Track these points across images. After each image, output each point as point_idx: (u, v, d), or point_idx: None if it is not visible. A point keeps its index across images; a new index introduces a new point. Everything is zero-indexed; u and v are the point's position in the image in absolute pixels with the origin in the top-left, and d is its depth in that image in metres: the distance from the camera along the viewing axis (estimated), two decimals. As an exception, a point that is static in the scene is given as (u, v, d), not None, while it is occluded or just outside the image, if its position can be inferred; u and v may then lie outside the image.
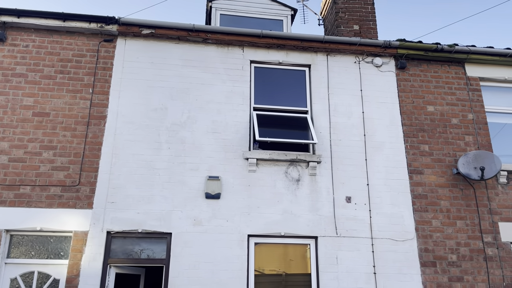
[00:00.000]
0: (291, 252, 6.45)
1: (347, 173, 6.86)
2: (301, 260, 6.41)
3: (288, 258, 6.40)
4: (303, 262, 6.41)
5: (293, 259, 6.40)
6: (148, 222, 6.20)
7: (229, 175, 6.62)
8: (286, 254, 6.43)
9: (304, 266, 6.38)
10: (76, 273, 5.79)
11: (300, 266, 6.37)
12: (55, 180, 6.19)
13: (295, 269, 6.34)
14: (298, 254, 6.45)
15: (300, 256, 6.44)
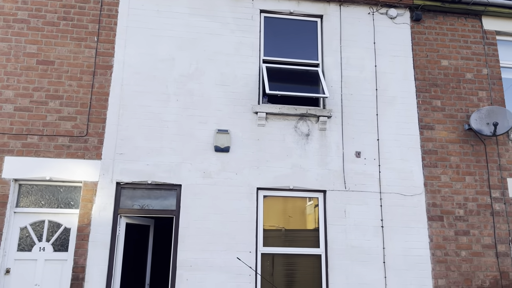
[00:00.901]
0: (299, 205, 6.47)
1: (357, 128, 6.77)
2: (309, 213, 6.46)
3: (296, 211, 6.44)
4: (311, 215, 6.45)
5: (301, 213, 6.44)
6: (157, 174, 6.17)
7: (238, 129, 6.53)
8: (295, 207, 6.46)
9: (312, 220, 6.43)
10: (87, 222, 5.83)
11: (308, 219, 6.42)
12: (62, 130, 6.09)
13: (303, 222, 6.40)
14: (306, 207, 6.48)
15: (308, 210, 6.47)
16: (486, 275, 6.37)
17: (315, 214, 6.46)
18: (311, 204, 6.47)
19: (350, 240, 6.28)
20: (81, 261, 5.68)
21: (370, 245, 6.29)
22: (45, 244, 5.83)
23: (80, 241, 5.75)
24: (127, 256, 6.08)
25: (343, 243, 6.26)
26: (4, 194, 5.76)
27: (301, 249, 6.26)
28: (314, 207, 6.45)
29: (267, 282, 6.08)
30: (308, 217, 6.43)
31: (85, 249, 5.73)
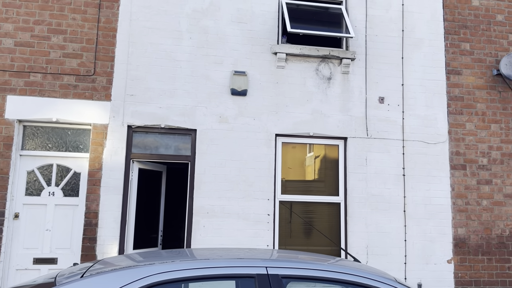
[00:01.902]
0: (319, 152, 6.21)
1: (381, 72, 6.39)
2: (328, 161, 6.21)
3: (315, 159, 6.18)
4: (331, 163, 6.21)
5: (320, 160, 6.19)
6: (171, 118, 5.81)
7: (256, 71, 6.11)
8: (314, 154, 6.20)
9: (332, 167, 6.19)
10: (99, 167, 5.53)
11: (327, 167, 6.19)
12: (68, 69, 5.63)
13: (322, 169, 6.16)
14: (326, 154, 6.22)
15: (328, 157, 6.22)
16: (506, 224, 6.28)
17: (335, 161, 6.22)
18: (311, 156, 6.19)
19: (370, 188, 6.09)
20: (94, 206, 5.44)
21: (390, 194, 6.12)
22: (55, 189, 5.56)
23: (92, 186, 5.48)
24: (140, 203, 5.85)
25: (363, 192, 6.07)
26: (9, 136, 5.40)
27: (320, 197, 6.07)
28: (314, 158, 6.17)
29: (285, 230, 5.94)
30: (327, 165, 6.19)
31: (97, 194, 5.47)
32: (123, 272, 2.04)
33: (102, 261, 2.45)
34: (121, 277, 1.99)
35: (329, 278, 2.09)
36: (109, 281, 1.98)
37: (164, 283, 2.00)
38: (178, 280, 2.01)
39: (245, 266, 2.07)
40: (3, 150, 5.36)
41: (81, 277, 2.03)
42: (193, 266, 2.06)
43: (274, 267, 2.08)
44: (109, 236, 5.43)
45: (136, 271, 2.03)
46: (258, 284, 2.01)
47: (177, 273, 2.02)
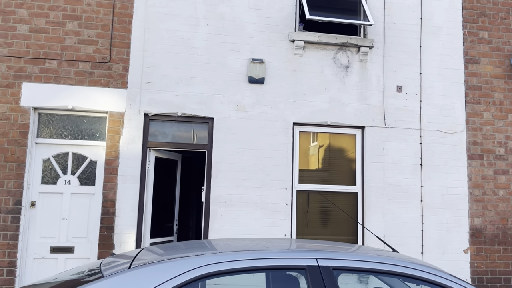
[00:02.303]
0: (336, 141, 6.16)
1: (399, 60, 6.31)
2: (346, 150, 6.16)
3: (332, 148, 6.13)
4: (348, 152, 6.16)
5: (337, 149, 6.14)
6: (188, 106, 5.73)
7: (273, 58, 6.02)
8: (331, 143, 6.14)
9: (349, 157, 6.15)
10: (115, 155, 5.46)
11: (345, 156, 6.14)
12: (83, 55, 5.53)
13: (339, 159, 6.12)
14: (343, 144, 6.17)
15: (345, 146, 6.17)
16: (522, 215, 6.28)
17: (352, 151, 6.17)
18: (328, 145, 6.12)
19: (388, 178, 6.06)
20: (111, 195, 5.38)
21: (408, 183, 6.09)
22: (71, 177, 5.50)
23: (109, 174, 5.42)
24: (156, 192, 5.80)
25: (381, 181, 6.04)
26: (25, 123, 5.31)
27: (337, 187, 6.03)
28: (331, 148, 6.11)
29: (302, 219, 5.91)
30: (345, 154, 6.15)
31: (114, 183, 5.41)
32: (171, 263, 1.99)
33: (145, 251, 2.40)
34: (170, 268, 1.95)
35: (381, 270, 2.05)
36: (158, 272, 1.93)
37: (214, 275, 1.95)
38: (228, 271, 1.96)
39: (294, 258, 2.03)
40: (19, 138, 5.28)
41: (129, 267, 1.98)
42: (242, 257, 2.01)
43: (325, 259, 2.04)
44: (127, 225, 5.38)
45: (185, 262, 1.98)
46: (310, 276, 1.97)
47: (227, 264, 1.97)
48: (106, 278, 1.93)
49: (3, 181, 5.19)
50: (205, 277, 1.94)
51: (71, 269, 2.49)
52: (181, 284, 1.90)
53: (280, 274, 2.30)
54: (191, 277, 1.92)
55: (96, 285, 1.89)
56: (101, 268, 2.14)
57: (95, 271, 2.11)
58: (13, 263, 5.09)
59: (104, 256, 5.27)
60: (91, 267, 2.36)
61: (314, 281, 1.95)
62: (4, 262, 5.08)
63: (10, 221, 5.14)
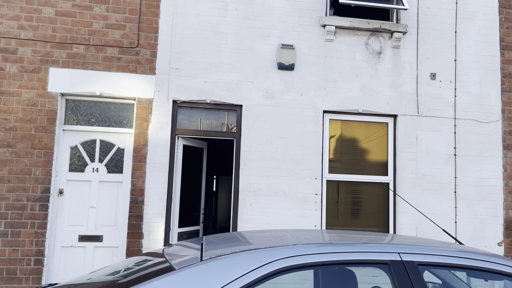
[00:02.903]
0: (367, 130, 5.98)
1: (433, 46, 6.09)
2: (377, 139, 5.99)
3: (363, 137, 5.96)
4: (379, 141, 5.99)
5: (369, 138, 5.97)
6: (216, 93, 5.59)
7: (304, 44, 5.84)
8: (362, 132, 5.97)
9: (381, 146, 5.98)
10: (144, 143, 5.34)
11: (376, 145, 5.97)
12: (111, 40, 5.40)
13: (371, 148, 5.95)
14: (374, 133, 6.00)
15: (376, 135, 6.00)
16: (559, 207, 6.08)
17: (384, 140, 5.99)
18: (358, 134, 5.94)
19: (420, 168, 5.88)
20: (140, 183, 5.28)
21: (441, 174, 5.91)
22: (98, 165, 5.40)
23: (137, 162, 5.31)
24: (183, 180, 5.68)
25: (413, 171, 5.86)
26: (52, 110, 5.21)
27: (368, 177, 5.87)
28: (362, 136, 5.92)
29: (332, 210, 5.77)
30: (376, 144, 5.97)
31: (143, 171, 5.31)
32: (246, 256, 1.86)
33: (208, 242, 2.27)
34: (245, 261, 1.81)
35: (469, 266, 1.90)
36: (233, 265, 1.80)
37: (292, 268, 1.81)
38: (306, 265, 1.82)
39: (376, 252, 1.88)
40: (47, 125, 5.18)
41: (201, 260, 1.85)
42: (320, 251, 1.87)
43: (408, 253, 1.89)
44: (156, 214, 5.28)
45: (261, 255, 1.84)
46: (394, 271, 1.83)
47: (305, 258, 1.84)
48: (178, 271, 1.80)
49: (30, 168, 5.10)
50: (283, 271, 1.81)
51: (103, 269, 2.35)
52: (259, 278, 1.77)
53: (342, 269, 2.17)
54: (269, 271, 1.79)
55: (169, 278, 1.77)
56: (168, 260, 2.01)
57: (165, 265, 1.96)
58: (41, 252, 5.02)
59: (133, 245, 5.18)
60: (127, 265, 2.23)
61: (399, 277, 1.80)
62: (31, 251, 5.01)
63: (38, 209, 5.06)
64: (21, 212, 5.01)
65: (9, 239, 4.96)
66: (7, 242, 4.96)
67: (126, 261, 2.35)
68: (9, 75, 5.15)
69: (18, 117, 5.12)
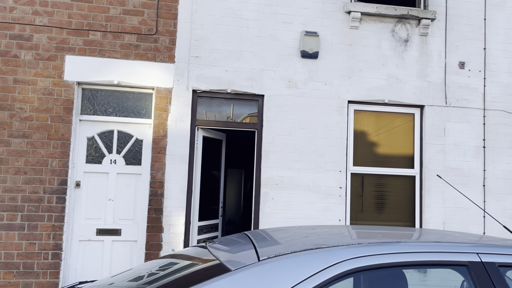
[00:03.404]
0: (393, 121, 5.77)
1: (462, 34, 5.85)
2: (403, 131, 5.77)
3: (389, 128, 5.74)
4: (405, 133, 5.77)
5: (394, 130, 5.75)
6: (237, 82, 5.38)
7: (328, 31, 5.61)
8: (388, 123, 5.75)
9: (407, 138, 5.76)
10: (163, 134, 5.16)
11: (402, 137, 5.75)
12: (128, 27, 5.19)
13: (396, 140, 5.73)
14: (400, 124, 5.78)
15: (402, 127, 5.78)
16: None
17: (410, 132, 5.77)
18: (384, 125, 5.72)
19: (448, 161, 5.67)
20: (159, 175, 5.10)
21: (470, 167, 5.70)
22: (116, 156, 5.22)
23: (157, 154, 5.13)
24: (202, 172, 5.50)
25: (441, 164, 5.65)
26: (69, 99, 5.02)
27: (394, 170, 5.67)
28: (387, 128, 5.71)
29: (356, 204, 5.58)
30: (402, 135, 5.76)
31: (162, 163, 5.12)
32: (309, 256, 1.67)
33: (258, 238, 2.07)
34: (309, 263, 1.62)
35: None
36: (296, 267, 1.61)
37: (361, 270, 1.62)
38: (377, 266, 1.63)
39: (453, 252, 1.69)
40: (64, 115, 5.00)
41: (259, 260, 1.67)
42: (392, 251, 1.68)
43: (488, 254, 1.70)
44: (176, 207, 5.11)
45: (326, 255, 1.65)
46: (474, 273, 1.64)
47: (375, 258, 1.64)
48: (235, 272, 1.62)
49: (47, 159, 4.93)
50: (352, 273, 1.62)
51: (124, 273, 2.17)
52: (327, 281, 1.58)
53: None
54: (336, 273, 1.60)
55: (227, 280, 1.59)
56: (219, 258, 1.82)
57: (215, 263, 1.77)
58: (58, 246, 4.87)
59: (152, 239, 5.02)
60: (202, 254, 2.05)
61: (480, 280, 1.61)
62: (49, 245, 4.86)
63: (55, 201, 4.90)
64: (37, 204, 4.85)
65: (26, 233, 4.81)
66: (23, 235, 4.80)
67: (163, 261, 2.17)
68: (24, 63, 4.96)
69: (33, 106, 4.94)
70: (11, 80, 4.92)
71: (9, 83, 4.92)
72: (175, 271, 1.89)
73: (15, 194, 4.82)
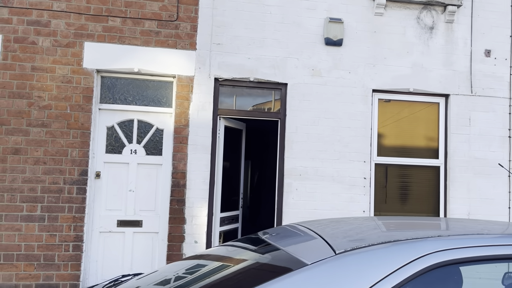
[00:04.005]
0: (417, 111, 5.64)
1: (488, 21, 5.70)
2: (427, 120, 5.65)
3: (413, 118, 5.62)
4: (430, 123, 5.65)
5: (419, 119, 5.63)
6: (260, 70, 5.24)
7: (352, 18, 5.46)
8: (412, 113, 5.63)
9: (431, 128, 5.64)
10: (185, 123, 5.02)
11: (426, 127, 5.63)
12: (148, 13, 5.03)
13: (421, 130, 5.62)
14: (425, 113, 5.66)
15: (427, 116, 5.66)
16: None
17: (434, 121, 5.66)
18: (408, 114, 5.61)
19: (473, 151, 5.56)
20: (181, 166, 4.98)
21: (495, 157, 5.59)
22: (136, 146, 5.09)
23: (178, 144, 5.00)
24: (224, 163, 5.38)
25: (466, 154, 5.55)
26: (88, 87, 4.88)
27: (418, 160, 5.56)
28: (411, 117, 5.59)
29: (380, 195, 5.48)
30: (426, 125, 5.64)
31: (184, 153, 5.00)
32: (390, 249, 1.56)
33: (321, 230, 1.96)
34: (391, 256, 1.51)
35: None
36: (379, 261, 1.50)
37: (448, 264, 1.52)
38: (466, 260, 1.53)
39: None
40: (83, 103, 4.85)
41: (335, 254, 1.56)
42: (481, 243, 1.57)
43: None
44: (198, 198, 5.00)
45: (409, 248, 1.54)
46: None
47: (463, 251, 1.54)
48: (312, 267, 1.51)
49: (66, 149, 4.80)
50: (437, 267, 1.51)
51: (163, 273, 2.06)
52: (413, 276, 1.47)
53: None
54: (423, 267, 1.49)
55: (304, 274, 1.48)
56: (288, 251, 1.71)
57: (291, 257, 1.65)
58: (79, 238, 4.76)
59: (175, 231, 4.91)
60: (263, 246, 1.94)
61: None
62: (69, 237, 4.74)
63: (76, 192, 4.77)
64: (58, 195, 4.73)
65: (46, 224, 4.70)
66: (44, 227, 4.69)
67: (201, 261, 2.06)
68: (42, 50, 4.81)
69: (52, 95, 4.80)
70: (29, 68, 4.77)
71: (27, 71, 4.77)
72: (227, 269, 1.78)
73: (35, 184, 4.70)
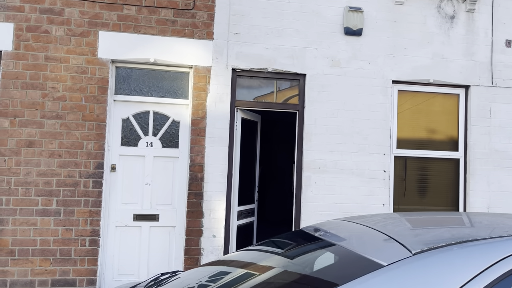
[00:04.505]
0: (437, 102, 5.54)
1: (509, 11, 5.59)
2: (447, 112, 5.55)
3: (433, 109, 5.52)
4: (449, 114, 5.55)
5: (438, 111, 5.53)
6: (278, 60, 5.11)
7: (372, 7, 5.33)
8: (432, 104, 5.53)
9: (451, 119, 5.54)
10: (202, 115, 4.90)
11: (446, 119, 5.53)
12: (164, 1, 4.88)
13: (440, 122, 5.52)
14: (445, 105, 5.55)
15: (446, 108, 5.55)
16: None
17: (454, 113, 5.56)
18: (428, 106, 5.50)
19: (494, 143, 5.47)
20: (199, 159, 4.87)
21: (515, 150, 5.51)
22: (152, 139, 4.97)
23: (196, 136, 4.88)
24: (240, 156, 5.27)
25: (486, 147, 5.46)
26: (103, 78, 4.74)
27: (437, 152, 5.47)
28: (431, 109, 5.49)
29: (399, 188, 5.39)
30: (446, 117, 5.54)
31: (201, 145, 4.89)
32: (471, 248, 1.47)
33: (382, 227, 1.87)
34: (475, 256, 1.43)
35: None
36: (462, 262, 1.41)
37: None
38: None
39: None
40: (98, 94, 4.72)
41: (412, 254, 1.46)
42: None
43: None
44: (216, 191, 4.89)
45: (493, 248, 1.45)
46: None
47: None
48: (390, 268, 1.41)
49: (82, 142, 4.67)
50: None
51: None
52: (500, 278, 1.38)
53: None
54: (509, 268, 1.40)
55: (382, 277, 1.38)
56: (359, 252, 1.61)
57: (366, 258, 1.55)
58: (96, 232, 4.65)
59: (193, 225, 4.82)
60: (320, 241, 1.84)
61: None
62: (86, 231, 4.64)
63: (92, 186, 4.66)
64: (73, 189, 4.62)
65: (62, 218, 4.59)
66: (59, 221, 4.58)
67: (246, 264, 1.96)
68: (55, 39, 4.66)
69: (66, 85, 4.66)
70: (42, 57, 4.63)
71: (40, 61, 4.62)
72: (321, 264, 1.68)
73: (50, 178, 4.58)
